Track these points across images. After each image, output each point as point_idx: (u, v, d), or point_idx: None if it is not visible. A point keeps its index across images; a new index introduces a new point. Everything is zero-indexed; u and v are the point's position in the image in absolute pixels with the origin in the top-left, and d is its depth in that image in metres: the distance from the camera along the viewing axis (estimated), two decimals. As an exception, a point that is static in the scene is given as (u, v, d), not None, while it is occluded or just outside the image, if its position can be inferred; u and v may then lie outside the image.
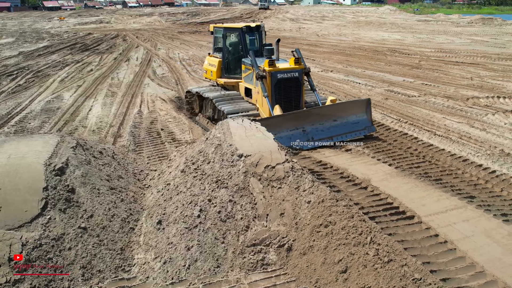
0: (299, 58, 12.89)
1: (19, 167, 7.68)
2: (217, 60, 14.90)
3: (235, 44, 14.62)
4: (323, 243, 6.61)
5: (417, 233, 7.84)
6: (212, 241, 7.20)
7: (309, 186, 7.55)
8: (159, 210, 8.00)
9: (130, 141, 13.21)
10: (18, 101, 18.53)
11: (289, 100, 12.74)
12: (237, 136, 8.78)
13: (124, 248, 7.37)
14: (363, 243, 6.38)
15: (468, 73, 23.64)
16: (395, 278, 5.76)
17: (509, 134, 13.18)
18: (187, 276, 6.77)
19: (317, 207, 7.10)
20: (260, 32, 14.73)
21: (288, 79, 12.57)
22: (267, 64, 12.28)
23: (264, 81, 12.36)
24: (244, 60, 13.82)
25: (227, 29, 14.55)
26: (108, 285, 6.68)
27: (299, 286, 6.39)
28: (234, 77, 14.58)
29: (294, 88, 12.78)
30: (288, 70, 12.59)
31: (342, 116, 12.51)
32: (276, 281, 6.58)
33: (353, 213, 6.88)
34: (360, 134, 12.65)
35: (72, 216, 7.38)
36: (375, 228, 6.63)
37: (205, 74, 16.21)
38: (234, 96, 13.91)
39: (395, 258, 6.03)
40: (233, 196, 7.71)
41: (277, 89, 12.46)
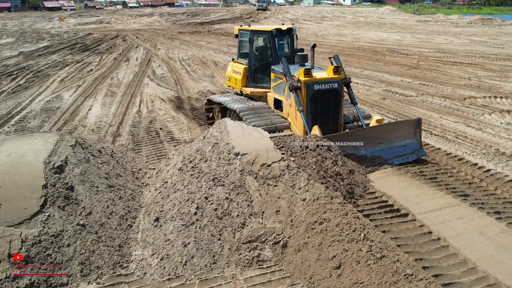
0: (338, 66, 11.26)
1: (19, 165, 7.81)
2: (242, 67, 13.37)
3: (263, 49, 13.15)
4: (318, 240, 6.73)
5: (411, 230, 7.95)
6: (208, 237, 7.32)
7: (304, 184, 7.68)
8: (156, 207, 8.12)
9: (129, 140, 13.32)
10: (18, 101, 18.66)
11: (326, 115, 11.21)
12: (234, 135, 8.90)
13: (122, 245, 7.49)
14: (356, 240, 6.49)
15: (466, 73, 23.76)
16: (388, 274, 5.88)
17: (505, 133, 13.30)
18: (184, 272, 6.89)
19: (312, 204, 7.22)
20: (292, 36, 13.19)
21: (326, 91, 10.96)
22: (303, 73, 10.71)
23: (299, 93, 10.80)
24: (274, 67, 12.30)
25: (255, 32, 13.01)
26: (106, 281, 6.79)
27: (294, 282, 6.51)
28: (261, 86, 13.08)
29: (332, 101, 11.15)
30: (326, 80, 10.93)
31: (389, 139, 10.98)
32: (271, 277, 6.69)
33: (347, 210, 6.99)
34: (407, 159, 10.98)
35: (71, 213, 7.50)
36: (369, 225, 6.74)
37: (228, 82, 14.59)
38: (262, 108, 12.30)
39: (387, 254, 6.15)
40: (230, 194, 7.83)
41: (313, 102, 10.90)
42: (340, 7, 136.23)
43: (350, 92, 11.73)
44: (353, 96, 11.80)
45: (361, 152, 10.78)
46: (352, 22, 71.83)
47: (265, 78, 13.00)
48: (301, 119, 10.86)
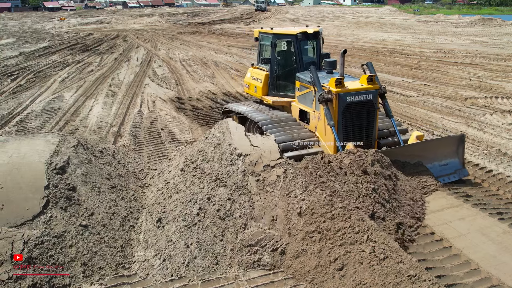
0: (373, 75, 10.08)
1: (21, 166, 7.80)
2: (263, 74, 12.19)
3: (287, 54, 12.22)
4: (317, 248, 6.70)
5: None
6: (211, 238, 7.31)
7: (300, 192, 7.56)
8: (159, 208, 8.11)
9: (130, 141, 13.32)
10: (19, 101, 18.65)
11: (359, 130, 10.05)
12: (236, 135, 8.90)
13: (124, 246, 7.49)
14: (359, 241, 6.48)
15: (467, 73, 23.75)
16: (391, 275, 5.88)
17: (507, 134, 13.29)
18: (187, 273, 6.88)
19: (310, 213, 7.14)
20: (318, 40, 11.97)
21: (360, 103, 9.81)
22: (334, 83, 9.60)
23: (330, 105, 9.68)
24: (299, 75, 11.17)
25: (278, 36, 11.86)
26: (109, 282, 6.78)
27: (296, 284, 6.50)
28: (285, 95, 11.98)
29: (366, 114, 9.98)
30: (360, 91, 9.80)
31: (429, 157, 9.80)
32: (274, 277, 6.69)
33: (351, 213, 6.96)
34: (449, 180, 9.80)
35: (73, 214, 7.50)
36: (372, 226, 6.73)
37: (246, 90, 13.46)
38: (287, 120, 11.10)
39: (391, 255, 6.14)
40: (232, 195, 7.82)
41: (345, 116, 9.75)
42: (340, 7, 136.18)
43: (385, 103, 10.66)
44: (389, 108, 10.71)
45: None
46: (352, 22, 71.82)
47: (289, 86, 11.92)
48: (331, 134, 9.72)
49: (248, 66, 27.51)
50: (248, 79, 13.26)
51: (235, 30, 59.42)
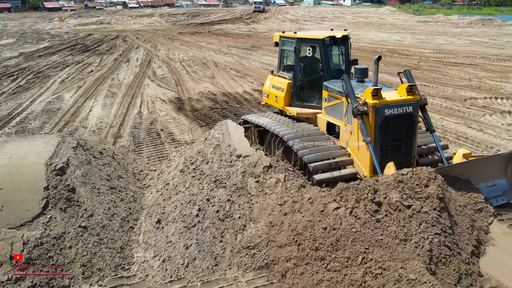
0: (413, 85, 8.88)
1: (20, 167, 7.81)
2: (286, 82, 11.04)
3: (312, 61, 10.93)
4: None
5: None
6: (210, 240, 7.31)
7: (292, 198, 7.43)
8: (158, 209, 8.11)
9: (130, 142, 13.34)
10: (19, 102, 18.67)
11: (397, 147, 8.91)
12: (236, 136, 8.90)
13: (123, 247, 7.49)
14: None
15: (466, 74, 23.76)
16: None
17: (506, 134, 13.30)
18: (186, 274, 6.88)
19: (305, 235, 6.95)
20: (347, 45, 10.94)
21: (399, 117, 8.70)
22: (370, 94, 8.53)
23: (365, 119, 8.58)
24: (327, 84, 10.00)
25: (302, 41, 10.73)
26: (108, 283, 6.79)
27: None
28: (309, 105, 10.85)
29: (405, 128, 8.84)
30: (399, 103, 8.68)
31: (476, 178, 8.64)
32: (273, 279, 6.68)
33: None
34: (496, 203, 8.63)
35: (72, 215, 7.51)
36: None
37: (266, 99, 12.18)
38: (314, 134, 9.98)
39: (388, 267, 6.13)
40: (231, 196, 7.82)
41: (382, 131, 8.64)
42: (340, 7, 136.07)
43: (426, 117, 9.41)
44: (430, 122, 9.51)
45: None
46: (352, 22, 71.84)
47: (315, 96, 10.81)
48: (366, 152, 8.68)
49: (248, 67, 27.65)
50: (267, 88, 11.95)
51: (235, 30, 59.41)
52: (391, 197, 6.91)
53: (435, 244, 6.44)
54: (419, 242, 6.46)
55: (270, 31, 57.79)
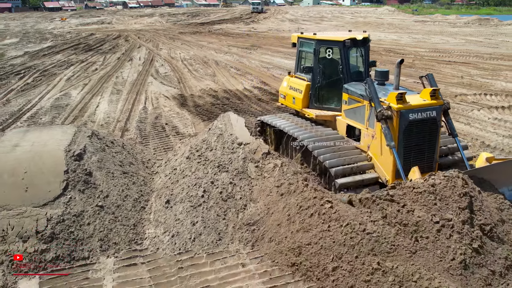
0: (436, 89, 8.79)
1: (42, 153, 8.64)
2: (304, 84, 10.91)
3: (332, 63, 10.85)
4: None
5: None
6: (214, 217, 8.13)
7: (288, 180, 8.26)
8: (167, 191, 8.93)
9: (136, 135, 14.12)
10: (28, 98, 19.46)
11: (421, 152, 8.84)
12: (237, 126, 9.73)
13: (136, 224, 8.31)
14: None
15: (459, 72, 24.57)
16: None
17: (491, 128, 14.12)
18: (193, 247, 7.70)
19: (298, 211, 7.72)
20: (367, 47, 10.83)
21: (422, 121, 8.60)
22: (395, 98, 8.40)
23: (389, 123, 8.51)
24: (347, 87, 9.95)
25: (322, 42, 10.59)
26: (123, 255, 7.59)
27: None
28: (329, 108, 10.76)
29: (428, 133, 8.79)
30: (423, 107, 8.58)
31: (499, 182, 8.38)
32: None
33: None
34: None
35: (90, 196, 8.33)
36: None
37: (282, 100, 12.06)
38: (334, 138, 9.91)
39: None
40: (233, 179, 8.65)
41: (406, 135, 8.57)
42: (339, 7, 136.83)
43: (449, 121, 9.28)
44: (453, 126, 9.40)
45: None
46: (350, 22, 72.59)
47: (334, 98, 10.73)
48: (389, 156, 8.59)
49: (247, 65, 28.46)
50: (284, 89, 11.83)
51: (235, 30, 60.21)
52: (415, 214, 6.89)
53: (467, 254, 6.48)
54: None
55: (269, 30, 58.63)
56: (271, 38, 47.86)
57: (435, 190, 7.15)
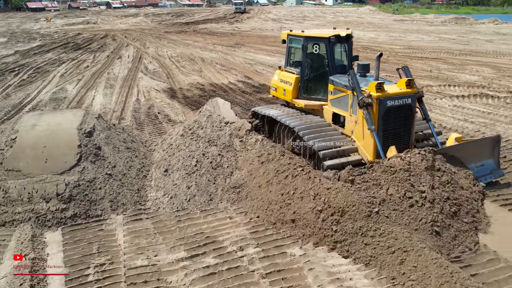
0: (411, 79, 10.03)
1: (58, 131, 10.12)
2: (293, 77, 11.91)
3: (318, 57, 11.82)
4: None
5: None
6: (206, 182, 9.71)
7: (267, 151, 9.95)
8: (165, 162, 10.48)
9: (132, 122, 15.60)
10: (27, 92, 20.77)
11: (398, 135, 9.95)
12: (224, 109, 11.31)
13: (140, 189, 9.84)
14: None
15: (429, 66, 26.42)
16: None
17: (450, 113, 15.89)
18: (188, 206, 9.25)
19: (275, 174, 9.39)
20: (350, 43, 11.83)
21: (399, 108, 9.74)
22: (374, 87, 9.54)
23: (370, 110, 9.58)
24: (333, 78, 10.99)
25: (309, 39, 11.56)
26: (130, 213, 9.10)
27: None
28: (316, 98, 11.75)
29: (404, 118, 9.91)
30: (400, 95, 9.73)
31: (466, 158, 9.77)
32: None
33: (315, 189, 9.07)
34: (484, 180, 9.81)
35: (100, 166, 9.83)
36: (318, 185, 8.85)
37: (274, 92, 12.96)
38: (322, 125, 10.96)
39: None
40: (221, 151, 10.23)
41: (385, 120, 9.67)
42: (322, 7, 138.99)
43: (423, 107, 10.60)
44: (427, 112, 10.72)
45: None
46: (332, 21, 74.45)
47: (321, 89, 11.68)
48: (370, 139, 9.69)
49: (232, 62, 30.06)
50: (275, 82, 12.78)
51: (219, 29, 61.70)
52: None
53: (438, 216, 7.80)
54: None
55: (253, 30, 60.21)
56: (255, 37, 49.44)
57: (409, 167, 8.52)
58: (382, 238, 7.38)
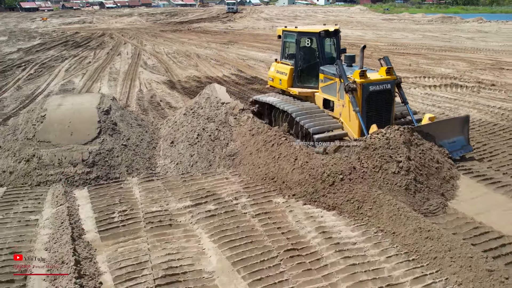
0: (391, 68, 11.44)
1: (80, 110, 11.96)
2: (288, 68, 13.21)
3: (310, 50, 13.20)
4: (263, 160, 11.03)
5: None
6: (206, 151, 11.59)
7: (257, 126, 11.90)
8: (171, 136, 12.36)
9: (137, 108, 17.44)
10: (37, 85, 22.56)
11: (379, 115, 11.30)
12: (220, 92, 13.22)
13: (150, 158, 11.71)
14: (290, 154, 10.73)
15: (409, 61, 28.42)
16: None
17: (421, 100, 17.88)
18: (191, 170, 11.12)
19: (264, 144, 11.33)
20: (338, 37, 13.19)
21: (380, 92, 11.12)
22: (358, 75, 10.90)
23: (355, 94, 10.89)
24: (323, 68, 12.32)
25: (302, 34, 12.92)
26: (143, 176, 10.96)
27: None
28: (309, 86, 13.01)
29: (385, 101, 11.35)
30: (380, 81, 11.15)
31: (439, 135, 11.07)
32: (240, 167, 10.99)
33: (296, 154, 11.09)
34: (456, 155, 11.15)
35: (116, 138, 11.67)
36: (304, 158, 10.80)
37: (271, 82, 14.29)
38: (314, 109, 12.27)
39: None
40: (218, 127, 12.12)
41: (368, 103, 11.02)
42: (313, 6, 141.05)
43: (401, 92, 11.80)
44: (405, 96, 11.95)
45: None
46: (322, 20, 76.35)
47: (312, 78, 12.93)
48: (355, 119, 11.02)
49: (226, 57, 32.01)
50: (272, 73, 14.07)
51: (213, 28, 63.57)
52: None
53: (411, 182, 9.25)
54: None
55: (245, 28, 62.12)
56: (247, 35, 51.36)
57: (389, 141, 9.80)
58: (345, 193, 9.17)
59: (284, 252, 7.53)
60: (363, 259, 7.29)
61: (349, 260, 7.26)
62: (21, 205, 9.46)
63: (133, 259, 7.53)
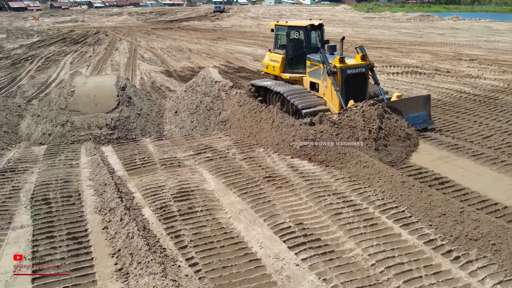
0: (365, 54, 13.52)
1: (102, 86, 14.92)
2: (280, 56, 15.28)
3: (298, 41, 15.17)
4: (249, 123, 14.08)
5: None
6: (203, 118, 14.62)
7: (243, 99, 14.99)
8: (174, 108, 15.38)
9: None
10: (48, 74, 25.36)
11: (356, 93, 13.29)
12: (214, 73, 16.27)
13: (159, 124, 14.71)
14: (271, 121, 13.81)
15: (380, 54, 31.61)
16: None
17: (383, 83, 20.91)
18: (192, 133, 14.13)
19: (249, 112, 14.40)
20: (322, 30, 15.25)
21: (356, 74, 13.16)
22: (338, 61, 12.88)
23: (335, 76, 12.89)
24: (309, 56, 14.44)
25: (291, 28, 15.09)
26: (154, 137, 13.92)
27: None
28: (297, 72, 15.08)
29: (360, 82, 13.41)
30: (356, 66, 13.20)
31: (406, 110, 13.03)
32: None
33: (273, 117, 14.27)
34: (419, 127, 13.29)
35: (132, 109, 14.62)
36: (279, 119, 14.02)
37: (265, 69, 16.36)
38: (302, 90, 14.38)
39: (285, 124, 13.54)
40: (212, 100, 15.16)
41: (346, 84, 13.04)
42: (299, 6, 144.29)
43: (373, 75, 13.95)
44: (376, 77, 14.18)
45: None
46: (306, 19, 79.47)
47: (301, 65, 14.99)
48: (337, 97, 13.05)
49: (215, 51, 35.05)
50: (266, 61, 16.20)
51: (202, 26, 66.40)
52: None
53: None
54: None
55: (232, 26, 65.03)
56: (234, 32, 54.34)
57: (364, 114, 11.97)
58: (314, 148, 12.31)
59: (263, 179, 10.52)
60: (318, 181, 10.35)
61: (308, 181, 10.32)
62: (62, 155, 12.35)
63: (154, 184, 10.47)
